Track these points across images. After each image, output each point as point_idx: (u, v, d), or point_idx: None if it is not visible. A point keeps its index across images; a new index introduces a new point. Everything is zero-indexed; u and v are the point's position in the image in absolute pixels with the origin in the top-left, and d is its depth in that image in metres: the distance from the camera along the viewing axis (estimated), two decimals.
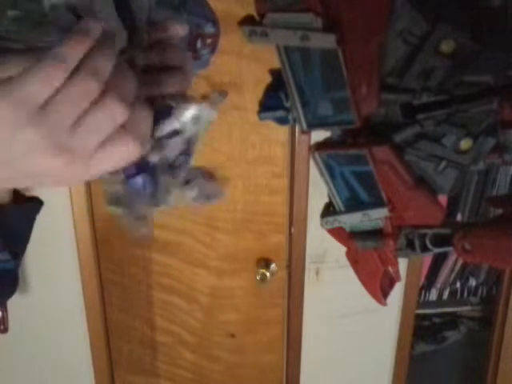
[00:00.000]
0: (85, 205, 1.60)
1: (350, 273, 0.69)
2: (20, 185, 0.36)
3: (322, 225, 0.64)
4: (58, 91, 0.32)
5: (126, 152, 0.36)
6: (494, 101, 0.50)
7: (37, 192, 0.55)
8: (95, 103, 0.34)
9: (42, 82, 0.32)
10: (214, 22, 0.68)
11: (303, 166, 1.57)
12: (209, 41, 0.68)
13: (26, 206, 0.52)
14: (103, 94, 0.34)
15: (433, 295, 2.08)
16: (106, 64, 0.34)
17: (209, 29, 0.67)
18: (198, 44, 0.66)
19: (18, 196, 0.52)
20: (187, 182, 0.51)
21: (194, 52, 0.66)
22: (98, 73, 0.33)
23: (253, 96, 1.44)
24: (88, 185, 1.59)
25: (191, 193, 0.57)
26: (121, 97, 0.34)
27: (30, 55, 0.34)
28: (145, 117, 0.38)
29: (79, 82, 0.33)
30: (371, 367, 1.92)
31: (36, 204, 0.54)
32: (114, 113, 0.34)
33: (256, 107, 0.63)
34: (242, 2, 1.24)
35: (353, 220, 0.62)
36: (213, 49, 0.69)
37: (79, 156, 0.34)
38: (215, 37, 0.69)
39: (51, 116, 0.32)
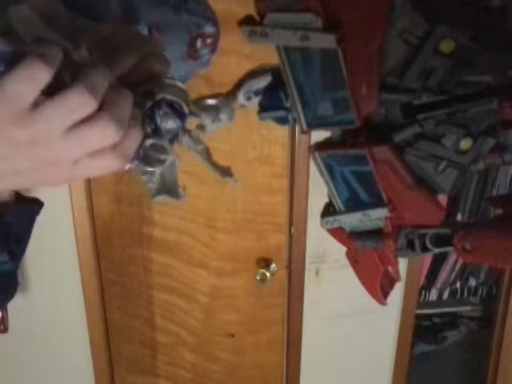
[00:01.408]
0: (85, 205, 1.61)
1: (350, 273, 0.69)
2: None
3: (322, 225, 0.64)
4: (51, 98, 0.33)
5: (109, 167, 0.37)
6: (493, 101, 0.50)
7: (37, 192, 0.55)
8: (90, 119, 0.34)
9: (25, 80, 0.31)
10: (214, 22, 0.68)
11: (303, 166, 1.58)
12: (209, 40, 0.67)
13: (26, 206, 0.52)
14: (100, 112, 0.34)
15: (433, 295, 2.08)
16: (101, 81, 0.35)
17: (209, 28, 0.67)
18: (198, 44, 0.66)
19: (18, 197, 0.52)
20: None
21: (195, 52, 0.66)
22: (94, 88, 0.33)
23: None
24: (88, 185, 1.60)
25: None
26: (116, 118, 0.35)
27: None
28: (136, 137, 0.39)
29: (74, 94, 0.33)
30: (371, 367, 1.92)
31: (36, 205, 0.54)
32: (107, 133, 0.35)
33: (256, 107, 0.63)
34: (242, 2, 1.24)
35: (353, 220, 0.62)
36: (213, 49, 0.69)
37: (62, 161, 0.35)
38: (215, 36, 0.69)
39: (41, 120, 0.32)
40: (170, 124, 0.46)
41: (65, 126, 0.33)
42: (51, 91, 0.33)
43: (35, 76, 0.31)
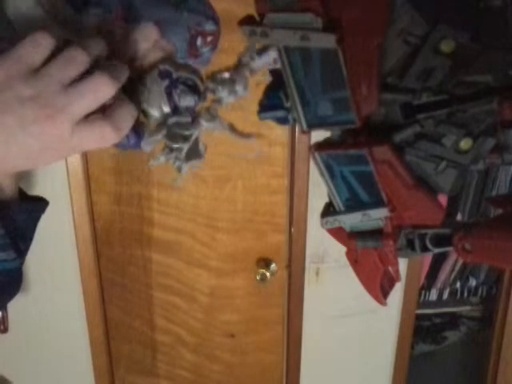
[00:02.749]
0: (85, 205, 1.61)
1: (350, 273, 0.69)
2: (9, 157, 0.40)
3: (322, 225, 0.64)
4: (50, 59, 0.39)
5: (104, 138, 0.41)
6: (493, 101, 0.50)
7: (38, 193, 0.55)
8: (87, 75, 0.40)
9: (30, 46, 0.38)
10: (215, 20, 0.68)
11: (303, 166, 1.58)
12: (209, 38, 0.67)
13: (32, 203, 0.52)
14: (94, 70, 0.40)
15: (433, 295, 2.08)
16: (95, 45, 0.41)
17: (209, 26, 0.67)
18: (199, 42, 0.66)
19: (23, 195, 0.52)
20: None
21: (195, 50, 0.66)
22: (87, 48, 0.40)
23: (253, 96, 1.44)
24: (88, 185, 1.60)
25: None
26: (109, 75, 0.40)
27: None
28: (127, 108, 0.43)
29: (67, 52, 0.39)
30: (371, 367, 1.92)
31: (42, 203, 0.54)
32: (101, 85, 0.40)
33: (256, 107, 0.63)
34: (242, 2, 1.24)
35: (353, 220, 0.62)
36: (213, 47, 0.69)
37: (65, 118, 0.39)
38: (216, 34, 0.68)
39: (44, 77, 0.38)
40: (188, 101, 0.47)
41: (63, 79, 0.38)
42: None
43: (36, 41, 0.38)
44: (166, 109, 0.46)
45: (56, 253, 1.66)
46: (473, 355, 2.16)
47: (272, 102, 0.60)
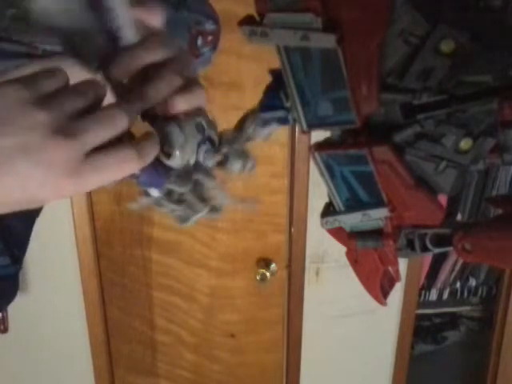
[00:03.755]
0: (85, 205, 1.61)
1: (350, 273, 0.69)
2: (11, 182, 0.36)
3: (322, 225, 0.64)
4: (64, 88, 0.39)
5: (125, 165, 0.39)
6: (493, 101, 0.50)
7: None
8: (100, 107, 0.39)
9: (48, 77, 0.38)
10: (215, 19, 0.68)
11: (303, 166, 1.58)
12: (209, 38, 0.67)
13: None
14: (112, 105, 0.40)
15: (433, 295, 2.08)
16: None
17: (209, 26, 0.67)
18: (199, 41, 0.66)
19: None
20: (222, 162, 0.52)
21: (196, 50, 0.66)
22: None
23: (253, 96, 1.43)
24: None
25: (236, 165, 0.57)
26: (125, 110, 0.39)
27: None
28: (156, 144, 0.41)
29: (80, 84, 0.39)
30: (371, 367, 1.92)
31: (36, 207, 0.54)
32: (115, 117, 0.39)
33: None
34: (242, 2, 1.24)
35: (353, 220, 0.62)
36: (214, 46, 0.69)
37: (76, 144, 0.37)
38: (216, 34, 0.68)
39: (57, 102, 0.38)
40: (211, 163, 0.47)
41: (75, 107, 0.38)
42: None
43: (58, 77, 0.39)
44: (192, 161, 0.45)
45: (56, 253, 1.66)
46: (473, 355, 2.16)
47: (272, 102, 0.60)
